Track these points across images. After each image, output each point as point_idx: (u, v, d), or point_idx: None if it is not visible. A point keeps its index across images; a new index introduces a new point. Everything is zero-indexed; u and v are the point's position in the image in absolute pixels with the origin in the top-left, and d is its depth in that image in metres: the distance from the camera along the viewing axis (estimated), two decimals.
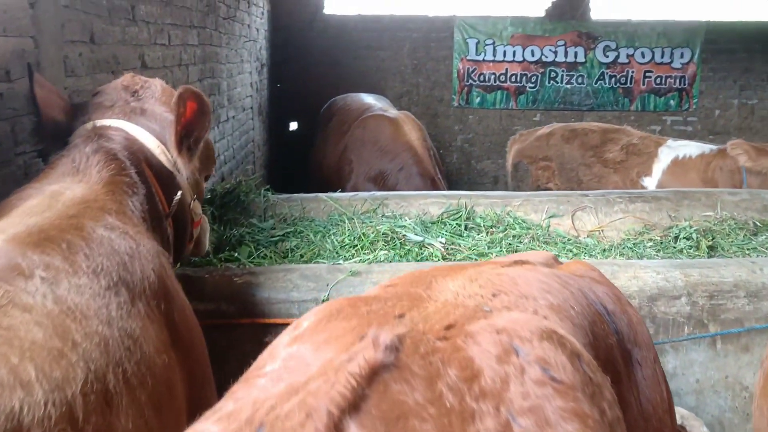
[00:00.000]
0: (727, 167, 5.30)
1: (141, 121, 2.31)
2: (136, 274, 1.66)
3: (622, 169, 5.88)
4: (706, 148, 5.74)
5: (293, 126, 10.19)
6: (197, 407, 1.82)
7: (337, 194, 4.31)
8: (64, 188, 1.80)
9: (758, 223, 4.19)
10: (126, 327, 1.49)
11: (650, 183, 5.69)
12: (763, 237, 4.04)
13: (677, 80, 10.15)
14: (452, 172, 10.29)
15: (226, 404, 0.98)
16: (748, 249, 3.88)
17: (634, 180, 5.76)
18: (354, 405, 0.86)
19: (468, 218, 4.07)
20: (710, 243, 3.90)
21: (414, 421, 0.90)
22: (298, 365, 1.04)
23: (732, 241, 3.99)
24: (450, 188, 6.11)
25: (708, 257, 3.73)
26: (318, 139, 7.12)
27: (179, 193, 2.32)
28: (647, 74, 10.12)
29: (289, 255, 3.53)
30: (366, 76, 10.02)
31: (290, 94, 9.75)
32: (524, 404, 0.99)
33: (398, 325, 1.11)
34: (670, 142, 5.92)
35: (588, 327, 1.47)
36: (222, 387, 2.33)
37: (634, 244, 3.94)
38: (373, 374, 0.90)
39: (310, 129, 8.72)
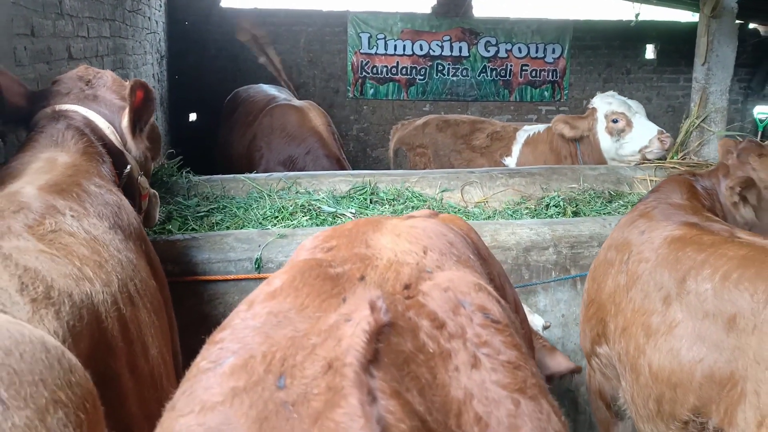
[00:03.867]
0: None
1: (93, 107, 2.69)
2: (125, 221, 2.09)
3: (488, 153, 6.58)
4: (551, 124, 6.52)
5: (192, 117, 10.37)
6: (170, 326, 2.28)
7: (254, 175, 4.73)
8: (54, 156, 2.18)
9: (612, 193, 5.00)
10: (128, 256, 1.92)
11: (510, 161, 6.43)
12: (616, 204, 4.84)
13: (550, 73, 11.19)
14: (349, 160, 10.70)
15: (224, 355, 1.09)
16: (604, 213, 4.66)
17: (497, 161, 6.47)
18: (372, 355, 1.02)
19: (373, 193, 4.61)
20: (574, 209, 4.65)
21: (412, 365, 1.11)
22: (287, 320, 1.17)
23: (592, 208, 4.76)
24: None
25: None
26: (223, 129, 7.42)
27: (128, 167, 2.72)
28: (524, 68, 11.09)
29: (215, 227, 3.93)
30: (263, 68, 10.33)
31: (188, 86, 9.92)
32: (480, 340, 1.24)
33: (367, 288, 1.29)
34: (526, 126, 6.64)
35: (481, 268, 1.79)
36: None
37: (513, 212, 4.62)
38: (380, 331, 1.07)
39: (209, 120, 8.97)
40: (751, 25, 11.70)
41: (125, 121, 2.62)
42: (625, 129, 5.50)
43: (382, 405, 0.93)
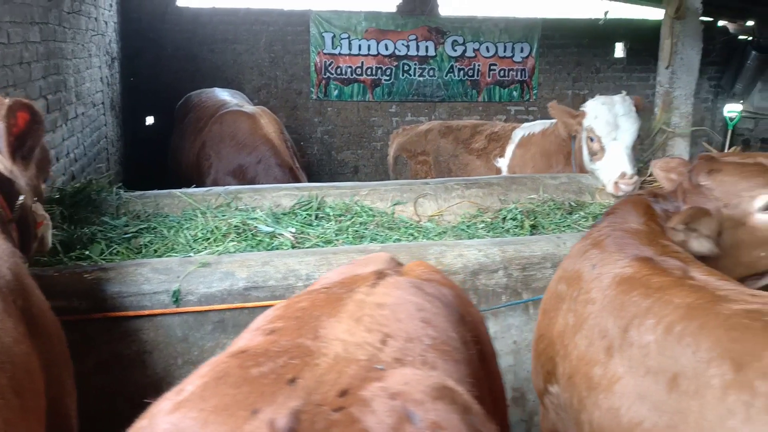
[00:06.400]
0: (560, 136, 5.51)
1: None
2: None
3: (484, 155, 6.25)
4: (548, 123, 5.97)
5: (149, 121, 10.01)
6: (56, 389, 1.98)
7: (192, 189, 4.42)
8: None
9: (573, 204, 4.76)
10: None
11: (503, 163, 6.07)
12: (577, 215, 4.60)
13: (519, 73, 10.97)
14: (313, 164, 10.55)
15: None
16: (563, 226, 4.42)
17: (491, 163, 6.20)
18: None
19: (319, 208, 4.33)
20: (533, 222, 4.40)
21: None
22: None
23: (551, 220, 4.51)
24: (311, 179, 6.34)
25: (531, 235, 4.23)
26: (174, 136, 7.09)
27: (21, 197, 2.41)
28: (492, 67, 10.87)
29: (143, 251, 3.62)
30: (223, 69, 10.03)
31: (145, 88, 9.57)
32: None
33: (291, 395, 1.06)
34: (524, 125, 6.27)
35: (463, 349, 1.55)
36: (81, 376, 2.46)
37: (467, 226, 4.36)
38: None
39: (167, 123, 8.63)
40: (720, 23, 11.57)
41: (3, 148, 2.31)
42: (597, 153, 4.93)
43: None
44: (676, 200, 2.77)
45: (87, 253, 3.42)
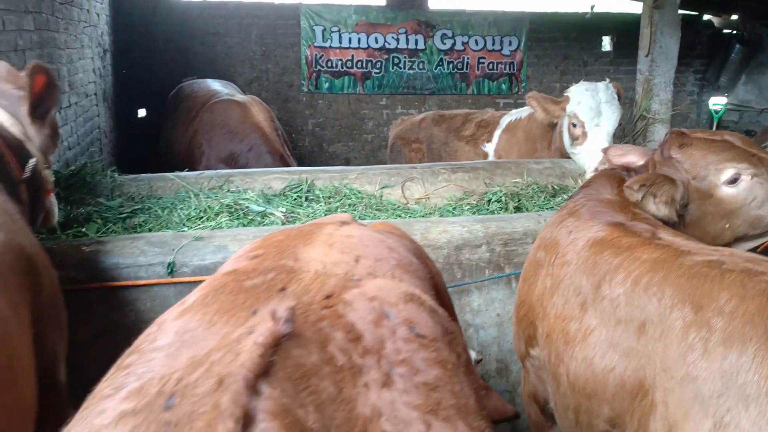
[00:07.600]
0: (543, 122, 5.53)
1: None
2: None
3: (473, 141, 6.40)
4: None
5: (142, 113, 10.08)
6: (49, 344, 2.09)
7: (185, 173, 4.52)
8: None
9: (556, 187, 4.89)
10: None
11: (490, 147, 6.22)
12: (560, 198, 4.74)
13: (507, 66, 11.11)
14: (305, 156, 10.65)
15: (127, 380, 1.03)
16: (546, 208, 4.55)
17: (479, 148, 6.36)
18: (264, 370, 0.96)
19: (308, 191, 4.44)
20: (516, 204, 4.53)
21: (314, 379, 1.04)
22: (194, 338, 1.11)
23: (535, 203, 4.64)
24: None
25: None
26: (166, 125, 7.18)
27: (33, 159, 2.54)
28: (481, 60, 11.00)
29: (138, 229, 3.73)
30: (214, 62, 10.11)
31: (137, 80, 9.62)
32: (398, 357, 1.18)
33: (285, 298, 1.23)
34: (513, 111, 6.41)
35: (425, 272, 1.76)
36: (81, 344, 2.57)
37: (453, 208, 4.49)
38: (276, 343, 1.01)
39: (159, 115, 8.72)
40: (706, 17, 11.74)
41: (25, 107, 2.48)
42: (579, 138, 4.99)
43: (261, 427, 0.90)
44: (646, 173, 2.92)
45: (84, 230, 3.53)
